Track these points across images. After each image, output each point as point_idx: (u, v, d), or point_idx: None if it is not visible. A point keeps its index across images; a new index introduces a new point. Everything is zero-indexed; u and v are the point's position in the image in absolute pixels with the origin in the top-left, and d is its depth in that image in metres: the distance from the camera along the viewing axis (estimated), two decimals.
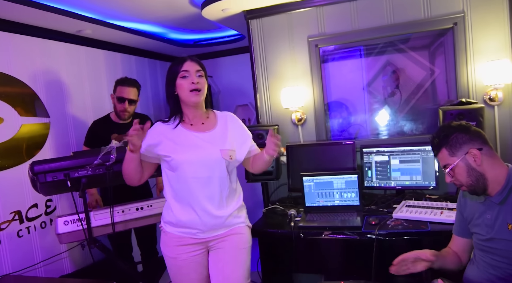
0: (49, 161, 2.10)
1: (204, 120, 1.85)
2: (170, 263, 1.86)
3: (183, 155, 1.75)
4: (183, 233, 1.81)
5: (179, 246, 1.82)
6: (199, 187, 1.75)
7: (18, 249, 2.57)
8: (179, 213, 1.80)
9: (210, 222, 1.78)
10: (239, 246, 1.83)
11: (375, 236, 2.04)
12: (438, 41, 3.03)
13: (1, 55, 2.56)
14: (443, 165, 1.56)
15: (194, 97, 1.76)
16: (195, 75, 1.76)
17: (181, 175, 1.76)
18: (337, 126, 3.25)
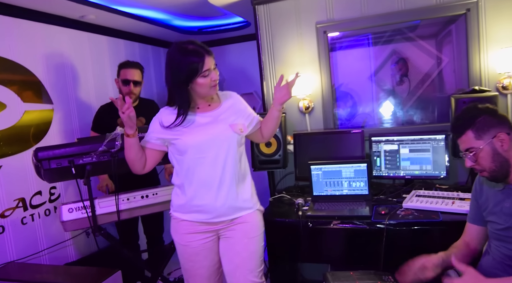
0: (54, 148, 2.06)
1: (210, 102, 1.82)
2: (181, 251, 1.84)
3: (191, 136, 1.72)
4: (193, 219, 1.78)
5: (189, 233, 1.80)
6: (209, 168, 1.72)
7: (22, 236, 2.55)
8: (189, 197, 1.77)
9: (221, 205, 1.75)
10: (250, 235, 1.80)
11: (385, 226, 2.01)
12: (446, 29, 2.97)
13: (3, 40, 2.51)
14: (466, 149, 1.47)
15: (213, 91, 1.74)
16: (214, 71, 1.70)
17: (190, 157, 1.73)
18: (345, 114, 3.19)
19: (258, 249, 1.83)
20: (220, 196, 1.74)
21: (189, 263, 1.83)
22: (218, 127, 1.75)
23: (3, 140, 2.47)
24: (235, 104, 1.86)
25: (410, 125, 2.93)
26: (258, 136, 2.00)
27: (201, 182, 1.74)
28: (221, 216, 1.78)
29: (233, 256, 1.80)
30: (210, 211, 1.76)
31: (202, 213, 1.77)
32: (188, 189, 1.78)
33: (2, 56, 2.49)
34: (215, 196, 1.74)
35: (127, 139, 1.74)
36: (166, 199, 2.43)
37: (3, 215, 2.43)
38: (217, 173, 1.73)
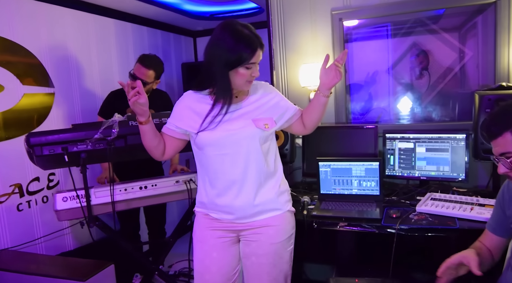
0: (47, 133, 1.96)
1: (238, 94, 1.62)
2: (197, 247, 1.69)
3: (210, 132, 1.56)
4: (215, 217, 1.65)
5: (208, 230, 1.66)
6: (229, 167, 1.57)
7: (18, 223, 2.48)
8: (209, 194, 1.63)
9: (243, 205, 1.59)
10: (275, 239, 1.61)
11: (395, 230, 1.85)
12: (471, 21, 2.77)
13: (4, 19, 2.41)
14: (501, 153, 1.27)
15: (247, 86, 1.57)
16: (256, 67, 1.53)
17: (209, 153, 1.58)
18: (359, 109, 3.03)
19: (282, 254, 1.64)
20: (241, 197, 1.58)
21: (203, 264, 1.67)
22: (239, 122, 1.57)
23: (1, 123, 2.38)
24: (263, 96, 1.65)
25: (428, 122, 2.75)
26: (298, 127, 1.78)
27: (220, 181, 1.59)
28: (242, 218, 1.62)
29: (255, 260, 1.63)
30: (230, 212, 1.61)
31: (221, 212, 1.64)
32: (207, 187, 1.64)
33: (2, 36, 2.40)
34: (235, 197, 1.58)
35: (140, 126, 1.62)
36: (166, 191, 2.32)
37: None
38: (237, 171, 1.57)
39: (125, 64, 3.36)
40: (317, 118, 1.74)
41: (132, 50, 3.49)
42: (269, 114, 1.63)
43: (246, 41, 1.47)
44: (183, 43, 4.33)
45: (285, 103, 1.71)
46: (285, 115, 1.70)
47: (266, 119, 1.60)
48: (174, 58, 4.17)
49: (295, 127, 1.77)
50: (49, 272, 2.03)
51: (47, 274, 2.02)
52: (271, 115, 1.63)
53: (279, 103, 1.68)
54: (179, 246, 2.65)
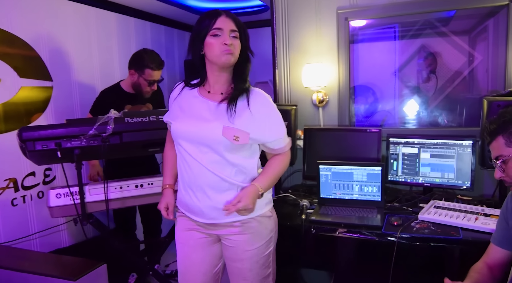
0: (40, 128, 1.91)
1: (225, 90, 1.54)
2: (178, 249, 1.67)
3: (181, 124, 1.52)
4: (188, 215, 1.61)
5: (188, 230, 1.62)
6: (197, 165, 1.50)
7: (12, 218, 2.43)
8: (182, 194, 1.60)
9: (211, 208, 1.52)
10: (249, 247, 1.56)
11: (396, 239, 1.79)
12: (481, 25, 2.70)
13: (2, 10, 2.36)
14: (495, 157, 1.30)
15: (225, 57, 1.44)
16: (228, 35, 1.44)
17: (181, 148, 1.54)
18: (363, 111, 2.96)
19: (259, 259, 1.59)
20: (209, 198, 1.52)
21: (184, 264, 1.65)
22: (211, 123, 1.47)
23: None
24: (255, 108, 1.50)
25: (434, 127, 2.68)
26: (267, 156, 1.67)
27: (191, 178, 1.54)
28: (213, 220, 1.56)
29: (233, 265, 1.61)
30: (197, 212, 1.56)
31: (193, 213, 1.59)
32: (181, 185, 1.61)
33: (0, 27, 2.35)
34: (203, 197, 1.53)
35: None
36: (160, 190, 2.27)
37: None
38: (206, 172, 1.49)
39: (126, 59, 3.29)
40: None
41: (134, 46, 3.44)
42: (248, 128, 1.48)
43: (209, 12, 1.49)
44: (187, 40, 4.27)
45: (276, 130, 1.56)
46: (268, 142, 1.56)
47: (239, 132, 1.45)
48: (177, 54, 4.12)
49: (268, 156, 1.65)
50: (40, 270, 1.98)
51: (38, 272, 1.97)
52: (249, 130, 1.48)
53: (269, 126, 1.54)
54: None
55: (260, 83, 4.22)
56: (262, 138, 1.53)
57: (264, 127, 1.51)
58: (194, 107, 1.53)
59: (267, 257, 1.62)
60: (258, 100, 1.52)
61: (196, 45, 1.48)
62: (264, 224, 1.60)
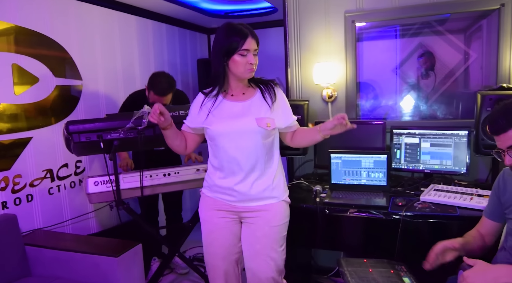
0: (84, 122, 2.15)
1: (245, 90, 1.83)
2: (203, 226, 1.92)
3: (218, 126, 1.77)
4: (218, 198, 1.86)
5: (213, 210, 1.88)
6: (234, 157, 1.77)
7: (49, 206, 2.66)
8: (216, 180, 1.85)
9: (244, 192, 1.80)
10: (271, 223, 1.82)
11: (401, 217, 2.03)
12: (476, 24, 2.90)
13: (38, 16, 2.58)
14: (508, 146, 1.41)
15: (248, 74, 1.75)
16: (253, 54, 1.71)
17: (218, 145, 1.80)
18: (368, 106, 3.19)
19: (279, 238, 1.84)
20: (240, 184, 1.79)
21: (208, 239, 1.90)
22: (245, 119, 1.76)
23: (35, 113, 2.56)
24: (271, 98, 1.81)
25: (433, 120, 2.91)
26: (286, 138, 1.96)
27: (225, 167, 1.80)
28: (243, 202, 1.83)
29: (254, 241, 1.84)
30: (231, 194, 1.82)
31: (226, 195, 1.84)
32: (215, 172, 1.86)
33: (38, 31, 2.57)
34: (235, 182, 1.80)
35: (162, 131, 1.87)
36: (187, 178, 2.51)
37: (32, 184, 2.54)
38: (240, 161, 1.77)
39: (145, 59, 3.54)
40: (305, 145, 2.03)
41: (152, 46, 3.67)
42: (271, 115, 1.78)
43: (237, 31, 1.69)
44: (198, 40, 4.50)
45: (289, 113, 1.88)
46: (286, 123, 1.86)
47: (268, 119, 1.76)
48: (190, 54, 4.34)
49: (283, 136, 1.95)
50: (83, 249, 2.22)
51: (81, 250, 2.21)
52: (273, 116, 1.78)
53: (285, 110, 1.86)
54: (193, 233, 2.80)
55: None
56: (284, 123, 1.85)
57: (282, 113, 1.84)
58: (225, 110, 1.80)
59: (284, 240, 1.88)
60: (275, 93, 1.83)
61: (222, 58, 1.73)
62: (283, 207, 1.88)
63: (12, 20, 2.42)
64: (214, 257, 1.89)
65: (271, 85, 1.85)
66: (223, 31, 1.72)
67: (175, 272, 3.18)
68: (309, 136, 1.89)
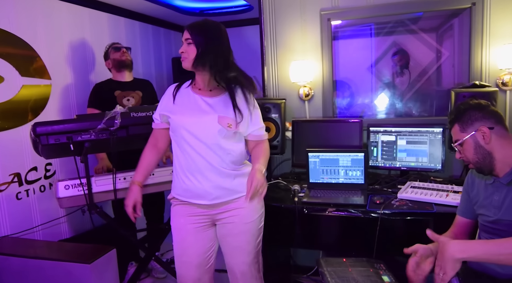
0: (52, 123, 2.05)
1: (213, 88, 1.80)
2: (175, 234, 1.85)
3: (181, 116, 1.75)
4: (188, 200, 1.80)
5: (186, 216, 1.82)
6: (197, 152, 1.73)
7: (17, 211, 2.55)
8: (182, 181, 1.79)
9: (214, 188, 1.76)
10: (247, 219, 1.81)
11: (379, 215, 2.03)
12: (447, 23, 2.96)
13: (3, 12, 2.46)
14: (454, 140, 1.58)
15: (182, 63, 1.75)
16: (184, 44, 1.74)
17: (180, 138, 1.76)
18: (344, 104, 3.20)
19: (255, 232, 1.84)
20: (209, 180, 1.75)
21: (181, 247, 1.83)
22: (208, 114, 1.73)
23: (0, 114, 2.44)
24: (240, 101, 1.77)
25: (408, 117, 2.95)
26: (248, 146, 1.90)
27: (191, 164, 1.75)
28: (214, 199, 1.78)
29: (230, 240, 1.82)
30: (200, 193, 1.77)
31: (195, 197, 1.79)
32: (180, 172, 1.80)
33: (2, 28, 2.45)
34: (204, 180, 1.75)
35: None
36: (163, 180, 2.44)
37: None
38: (205, 157, 1.73)
39: None
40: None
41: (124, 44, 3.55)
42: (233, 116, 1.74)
43: None
44: (173, 38, 4.42)
45: (257, 122, 1.83)
46: (249, 130, 1.82)
47: (231, 120, 1.73)
48: (164, 52, 4.26)
49: (247, 144, 1.88)
50: (54, 256, 2.13)
51: (52, 258, 2.12)
52: (235, 118, 1.74)
53: (253, 118, 1.81)
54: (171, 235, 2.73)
55: None
56: (247, 128, 1.81)
57: (250, 120, 1.80)
58: (190, 102, 1.78)
59: (259, 232, 1.87)
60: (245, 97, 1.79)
61: None
62: (256, 200, 1.83)
63: None
64: (188, 266, 1.82)
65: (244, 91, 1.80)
66: None
67: (152, 276, 3.10)
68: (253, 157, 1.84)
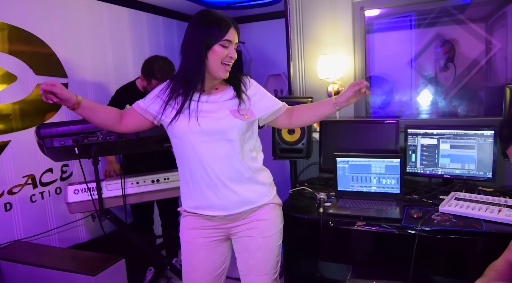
0: (57, 125, 1.93)
1: (218, 86, 1.61)
2: (184, 248, 1.65)
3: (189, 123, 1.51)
4: (201, 212, 1.59)
5: (197, 229, 1.61)
6: (210, 157, 1.51)
7: (31, 214, 2.46)
8: (196, 194, 1.57)
9: (228, 196, 1.54)
10: (265, 234, 1.59)
11: (417, 232, 1.76)
12: (499, 12, 2.64)
13: (15, 8, 2.37)
14: None
15: (223, 73, 1.52)
16: (234, 48, 1.53)
17: (188, 141, 1.52)
18: (379, 102, 2.92)
19: (274, 248, 1.62)
20: (225, 186, 1.54)
21: (190, 263, 1.63)
22: (218, 113, 1.53)
23: (13, 114, 2.37)
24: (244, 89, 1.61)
25: (453, 118, 2.63)
26: (281, 122, 1.72)
27: (203, 172, 1.53)
28: (231, 210, 1.57)
29: (247, 256, 1.61)
30: (215, 203, 1.56)
31: (209, 208, 1.58)
32: (190, 181, 1.58)
33: (13, 24, 2.36)
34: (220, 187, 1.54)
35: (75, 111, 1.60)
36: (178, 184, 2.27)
37: (10, 192, 2.35)
38: (219, 162, 1.52)
39: (139, 55, 3.30)
40: (311, 122, 1.81)
41: (147, 40, 3.44)
42: (248, 105, 1.59)
43: (219, 19, 1.50)
44: None
45: (269, 98, 1.67)
46: (269, 109, 1.65)
47: (244, 110, 1.56)
48: None
49: (280, 121, 1.71)
50: (59, 265, 2.01)
51: (57, 267, 2.00)
52: (251, 107, 1.59)
53: (262, 98, 1.65)
54: None
55: (273, 75, 4.18)
56: (266, 110, 1.64)
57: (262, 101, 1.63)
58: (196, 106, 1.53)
59: (279, 250, 1.66)
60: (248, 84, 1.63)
61: (200, 50, 1.48)
62: (277, 211, 1.65)
63: None
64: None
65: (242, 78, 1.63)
66: (201, 19, 1.50)
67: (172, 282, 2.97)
68: (317, 111, 1.67)
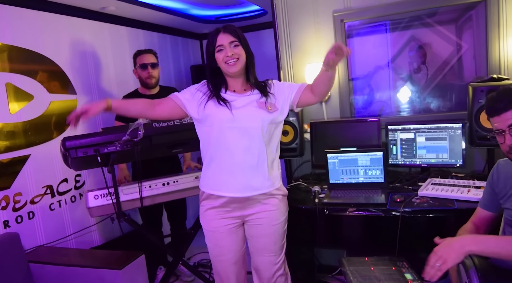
0: (80, 137, 2.16)
1: (246, 87, 1.90)
2: (209, 237, 1.95)
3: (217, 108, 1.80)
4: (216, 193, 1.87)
5: (218, 219, 1.90)
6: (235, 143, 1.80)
7: (51, 221, 2.68)
8: (214, 172, 1.88)
9: (244, 181, 1.83)
10: (274, 222, 1.91)
11: (400, 213, 2.05)
12: (466, 14, 2.91)
13: (29, 33, 2.60)
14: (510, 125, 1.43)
15: (230, 68, 1.80)
16: (229, 47, 1.79)
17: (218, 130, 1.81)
18: (361, 103, 3.20)
19: (281, 233, 1.95)
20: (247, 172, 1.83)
21: (217, 248, 1.94)
22: (248, 106, 1.82)
23: (31, 130, 2.58)
24: (269, 88, 1.90)
25: (427, 114, 2.92)
26: (308, 97, 1.91)
27: (229, 158, 1.82)
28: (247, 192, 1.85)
29: (258, 240, 1.94)
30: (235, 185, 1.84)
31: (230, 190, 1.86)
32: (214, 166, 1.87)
33: (29, 48, 2.59)
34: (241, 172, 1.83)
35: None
36: (186, 186, 2.51)
37: (32, 201, 2.56)
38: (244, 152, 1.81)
39: None
40: (326, 88, 1.89)
41: None
42: (273, 100, 1.86)
43: (212, 32, 1.83)
44: (190, 46, 4.52)
45: (289, 84, 1.95)
46: (292, 93, 1.90)
47: (269, 103, 1.84)
48: (183, 60, 4.36)
49: (304, 98, 1.91)
50: (86, 263, 2.24)
51: (85, 265, 2.23)
52: (274, 102, 1.86)
53: (283, 86, 1.93)
54: (197, 239, 2.79)
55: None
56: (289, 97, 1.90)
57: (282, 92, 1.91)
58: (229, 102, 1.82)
59: (284, 234, 1.98)
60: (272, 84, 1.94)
61: (210, 62, 1.85)
62: (284, 202, 1.97)
63: (4, 40, 2.44)
64: (227, 265, 1.94)
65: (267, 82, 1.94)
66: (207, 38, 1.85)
67: (181, 280, 3.19)
68: (322, 79, 1.83)
